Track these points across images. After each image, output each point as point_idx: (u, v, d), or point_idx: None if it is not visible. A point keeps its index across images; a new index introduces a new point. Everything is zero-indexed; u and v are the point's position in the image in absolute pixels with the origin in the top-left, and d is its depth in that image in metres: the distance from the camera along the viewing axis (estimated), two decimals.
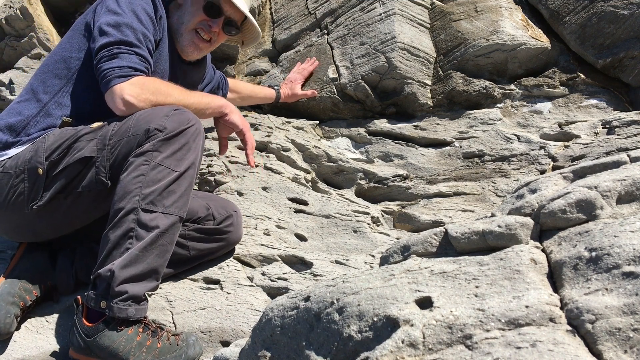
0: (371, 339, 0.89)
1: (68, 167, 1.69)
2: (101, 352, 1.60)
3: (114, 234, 1.60)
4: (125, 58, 1.69)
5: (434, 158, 2.45)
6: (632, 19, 2.39)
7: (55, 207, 1.73)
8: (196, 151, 1.70)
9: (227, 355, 1.26)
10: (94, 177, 1.69)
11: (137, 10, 1.77)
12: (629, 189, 1.04)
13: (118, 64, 1.68)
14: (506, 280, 0.91)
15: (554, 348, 0.76)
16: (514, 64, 2.53)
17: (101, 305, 1.58)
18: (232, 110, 1.88)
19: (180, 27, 1.94)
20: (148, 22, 1.79)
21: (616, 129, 2.21)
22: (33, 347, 1.77)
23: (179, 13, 1.95)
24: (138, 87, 1.68)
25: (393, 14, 2.62)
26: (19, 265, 1.84)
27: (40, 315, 1.87)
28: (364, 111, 2.65)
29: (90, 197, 1.72)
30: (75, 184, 1.70)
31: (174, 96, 1.75)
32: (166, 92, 1.74)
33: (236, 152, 2.49)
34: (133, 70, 1.69)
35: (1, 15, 2.94)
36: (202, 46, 1.98)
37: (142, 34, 1.75)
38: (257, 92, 2.65)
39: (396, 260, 1.13)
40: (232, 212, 2.03)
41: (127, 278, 1.57)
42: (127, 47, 1.70)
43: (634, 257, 0.84)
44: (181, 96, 1.77)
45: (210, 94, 1.85)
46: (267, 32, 3.04)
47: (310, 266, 2.00)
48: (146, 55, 1.75)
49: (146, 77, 1.72)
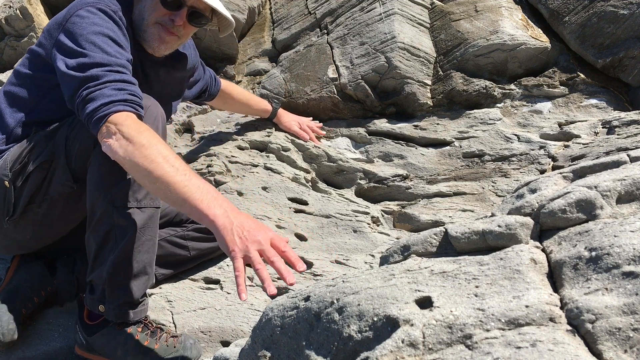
0: (371, 338, 0.89)
1: (31, 175, 1.61)
2: (101, 350, 1.61)
3: (94, 239, 1.55)
4: (98, 97, 1.44)
5: (434, 158, 2.45)
6: (632, 18, 2.39)
7: (31, 217, 1.67)
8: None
9: (227, 355, 1.26)
10: (58, 181, 1.61)
11: (95, 39, 1.53)
12: (629, 188, 1.04)
13: (92, 107, 1.44)
14: (506, 280, 0.91)
15: (554, 348, 0.76)
16: (514, 63, 2.53)
17: (100, 309, 1.59)
18: (225, 226, 1.25)
19: (141, 24, 1.73)
20: (110, 43, 1.56)
21: (616, 129, 2.21)
22: (35, 347, 1.77)
23: (139, 6, 1.73)
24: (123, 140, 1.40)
25: (393, 14, 2.62)
26: (16, 275, 1.82)
27: (43, 314, 1.87)
28: (364, 111, 2.65)
29: (62, 202, 1.65)
30: (44, 191, 1.63)
31: (158, 164, 1.35)
32: (152, 158, 1.35)
33: (236, 152, 2.49)
34: (109, 106, 1.43)
35: (1, 15, 2.94)
36: (169, 39, 1.75)
37: (110, 57, 1.52)
38: (253, 103, 2.51)
39: (396, 260, 1.13)
40: None
41: (120, 283, 1.54)
42: (95, 83, 1.46)
43: (634, 256, 0.84)
44: (167, 170, 1.34)
45: (211, 191, 1.31)
46: (267, 32, 3.04)
47: (310, 266, 2.00)
48: (120, 77, 1.49)
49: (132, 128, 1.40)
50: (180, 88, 2.09)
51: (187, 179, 1.32)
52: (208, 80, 2.31)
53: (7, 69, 2.95)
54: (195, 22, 1.75)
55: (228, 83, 2.48)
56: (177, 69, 1.99)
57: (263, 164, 2.41)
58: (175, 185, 1.31)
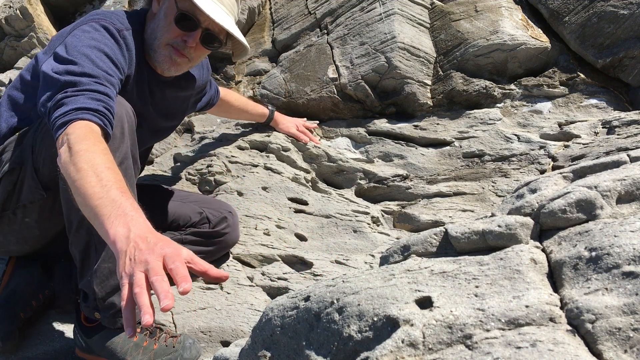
0: (371, 338, 0.89)
1: (1, 182, 1.58)
2: (101, 352, 1.61)
3: (76, 248, 1.53)
4: (69, 102, 1.36)
5: (434, 158, 2.45)
6: (632, 18, 2.39)
7: (9, 224, 1.64)
8: (125, 139, 1.48)
9: (227, 355, 1.26)
10: (28, 188, 1.57)
11: (89, 53, 1.49)
12: (629, 188, 1.03)
13: (60, 112, 1.36)
14: (506, 280, 0.91)
15: (554, 348, 0.76)
16: (514, 63, 2.53)
17: (95, 316, 1.59)
18: (121, 248, 1.06)
19: (153, 43, 1.68)
20: (104, 59, 1.51)
21: (616, 129, 2.21)
22: (35, 347, 1.77)
23: (152, 25, 1.69)
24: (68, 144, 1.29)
25: (393, 14, 2.62)
26: (13, 279, 1.81)
27: (43, 315, 1.87)
28: (364, 111, 2.65)
29: (36, 210, 1.61)
30: (15, 198, 1.60)
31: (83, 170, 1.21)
32: (79, 164, 1.22)
33: (236, 152, 2.49)
34: (77, 113, 1.35)
35: (1, 15, 2.94)
36: (180, 61, 1.69)
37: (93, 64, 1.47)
38: (250, 109, 2.48)
39: (396, 260, 1.13)
40: (226, 214, 1.99)
41: (109, 292, 1.53)
42: (73, 90, 1.39)
43: (634, 256, 0.84)
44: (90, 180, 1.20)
45: (123, 206, 1.12)
46: (267, 32, 3.04)
47: (310, 266, 2.00)
48: (103, 89, 1.42)
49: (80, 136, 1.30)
50: (184, 108, 2.04)
51: (104, 191, 1.15)
52: (212, 95, 2.27)
53: (7, 69, 2.95)
54: (208, 44, 1.69)
55: (226, 91, 2.43)
56: (184, 89, 1.94)
57: (263, 164, 2.41)
58: (91, 197, 1.15)
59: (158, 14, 1.68)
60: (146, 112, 1.79)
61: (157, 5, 1.69)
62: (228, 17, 1.67)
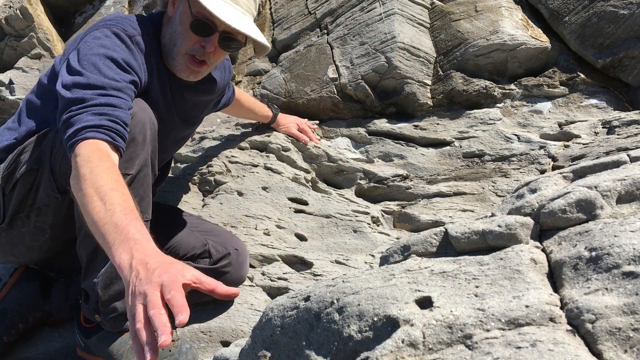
0: (371, 338, 0.89)
1: (18, 183, 1.57)
2: (99, 353, 1.62)
3: (84, 250, 1.52)
4: (75, 122, 1.37)
5: (434, 158, 2.45)
6: (632, 18, 2.39)
7: (22, 227, 1.63)
8: (146, 146, 1.49)
9: (227, 355, 1.26)
10: (44, 190, 1.56)
11: (96, 61, 1.48)
12: (629, 188, 1.03)
13: (68, 133, 1.37)
14: (506, 280, 0.91)
15: (554, 348, 0.75)
16: (514, 63, 2.53)
17: (95, 318, 1.59)
18: (126, 278, 1.05)
19: (172, 49, 1.65)
20: (112, 66, 1.50)
21: (616, 129, 2.21)
22: (35, 347, 1.77)
23: (169, 30, 1.66)
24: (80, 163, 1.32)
25: (393, 14, 2.62)
26: (8, 296, 1.80)
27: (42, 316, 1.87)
28: (364, 111, 2.65)
29: (51, 213, 1.60)
30: (31, 200, 1.58)
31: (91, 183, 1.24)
32: (89, 177, 1.25)
33: (236, 152, 2.49)
34: (82, 132, 1.36)
35: (1, 15, 2.94)
36: (198, 69, 1.67)
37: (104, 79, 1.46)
38: (257, 109, 2.45)
39: (396, 260, 1.13)
40: (231, 250, 1.87)
41: (112, 296, 1.52)
42: (77, 107, 1.39)
43: (634, 256, 0.84)
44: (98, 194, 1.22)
45: (126, 230, 1.13)
46: (267, 32, 3.04)
47: (310, 266, 2.00)
48: (106, 100, 1.42)
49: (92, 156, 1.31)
50: (204, 110, 2.03)
51: (108, 215, 1.15)
52: (230, 96, 2.25)
53: (7, 69, 2.95)
54: (228, 47, 1.64)
55: (239, 91, 2.41)
56: (205, 92, 1.91)
57: (263, 164, 2.41)
58: (97, 223, 1.17)
59: (174, 18, 1.64)
60: (171, 119, 1.77)
61: (173, 8, 1.66)
62: (244, 17, 1.61)
